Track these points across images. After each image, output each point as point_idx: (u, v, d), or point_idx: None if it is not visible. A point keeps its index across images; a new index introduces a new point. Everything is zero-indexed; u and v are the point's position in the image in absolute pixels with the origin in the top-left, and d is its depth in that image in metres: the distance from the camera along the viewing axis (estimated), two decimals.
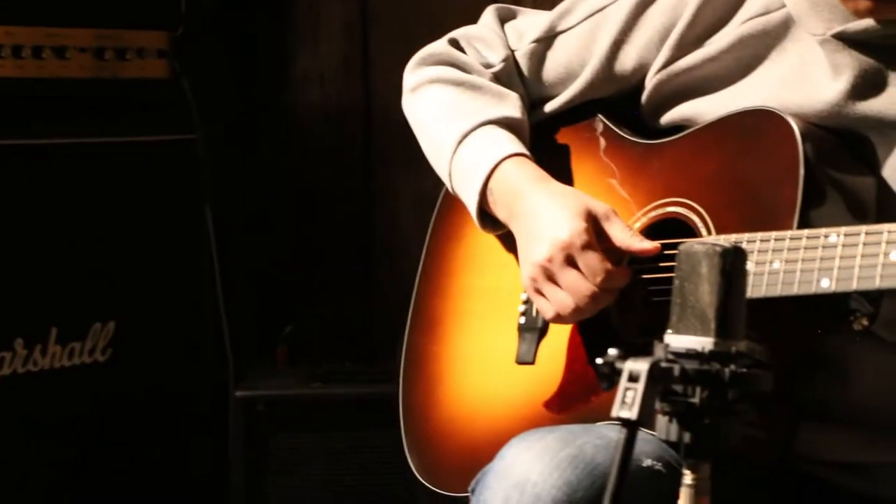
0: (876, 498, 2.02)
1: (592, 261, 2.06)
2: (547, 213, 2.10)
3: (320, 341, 3.86)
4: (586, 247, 2.06)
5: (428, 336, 2.35)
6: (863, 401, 2.00)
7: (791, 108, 2.00)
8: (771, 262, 1.91)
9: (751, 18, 2.09)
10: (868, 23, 1.96)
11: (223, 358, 3.46)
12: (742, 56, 2.10)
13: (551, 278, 2.08)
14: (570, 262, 2.07)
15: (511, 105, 2.25)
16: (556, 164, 2.23)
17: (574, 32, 2.26)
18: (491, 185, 2.18)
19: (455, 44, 2.35)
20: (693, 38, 2.14)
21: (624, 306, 2.14)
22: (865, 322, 1.90)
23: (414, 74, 2.35)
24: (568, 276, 2.07)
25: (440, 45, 2.36)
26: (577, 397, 2.14)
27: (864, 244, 1.84)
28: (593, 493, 1.90)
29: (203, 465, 3.47)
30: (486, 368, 2.26)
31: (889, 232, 1.83)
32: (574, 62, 2.25)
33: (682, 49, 2.15)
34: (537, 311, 2.20)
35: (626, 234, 2.07)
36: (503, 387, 2.23)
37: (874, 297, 1.90)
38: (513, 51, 2.31)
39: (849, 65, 2.00)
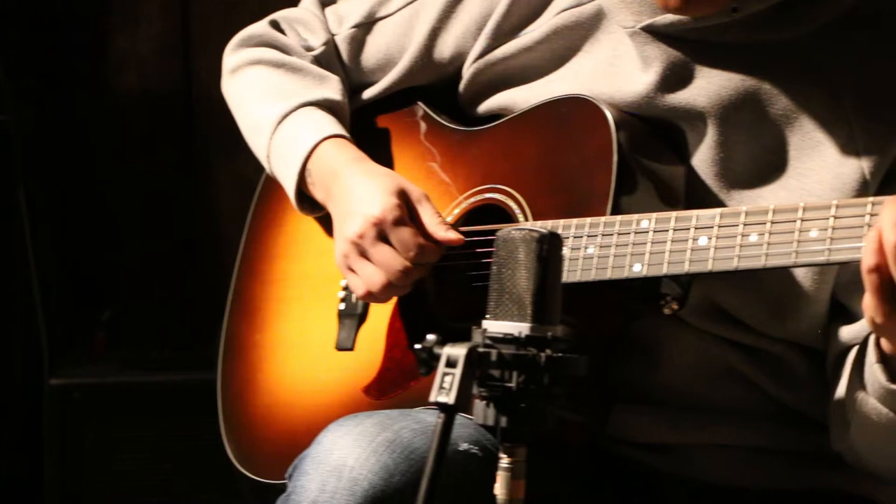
0: (685, 478, 2.07)
1: (405, 235, 2.07)
2: (361, 191, 2.11)
3: (139, 328, 3.81)
4: (398, 222, 2.07)
5: (247, 322, 2.34)
6: (670, 383, 2.04)
7: (604, 99, 2.03)
8: (586, 248, 1.94)
9: (564, 10, 2.12)
10: (676, 16, 2.00)
11: (37, 344, 3.39)
12: (556, 47, 2.13)
13: (363, 254, 2.09)
14: (382, 237, 2.08)
15: (331, 87, 2.25)
16: (376, 149, 2.23)
17: (393, 19, 2.26)
18: (309, 166, 2.17)
19: (276, 26, 2.34)
20: (509, 27, 2.16)
21: (443, 292, 2.15)
22: (675, 306, 1.94)
23: (234, 56, 2.34)
24: (380, 250, 2.08)
25: (261, 27, 2.34)
26: (396, 383, 2.14)
27: (675, 230, 1.88)
28: (410, 477, 1.91)
29: (16, 457, 3.41)
30: (305, 354, 2.26)
31: (698, 218, 1.87)
32: (393, 49, 2.26)
33: (498, 39, 2.17)
34: (356, 297, 2.20)
35: (435, 221, 2.09)
36: (322, 373, 2.23)
37: (683, 282, 1.93)
38: (333, 35, 2.30)
39: (658, 57, 2.04)
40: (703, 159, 2.01)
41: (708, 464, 2.05)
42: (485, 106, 2.19)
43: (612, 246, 1.92)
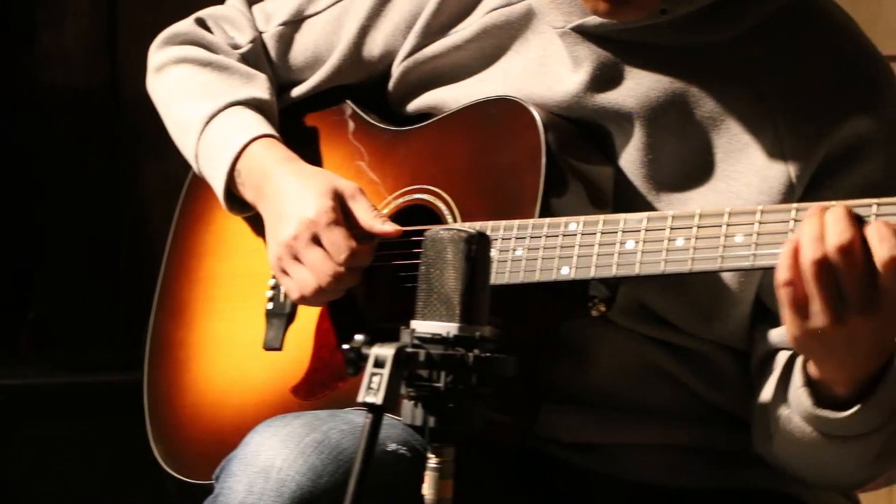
0: (612, 478, 2.07)
1: (337, 238, 2.06)
2: (293, 192, 2.10)
3: (66, 328, 3.78)
4: (331, 224, 2.07)
5: (174, 322, 2.33)
6: (599, 383, 2.05)
7: (533, 99, 2.04)
8: (514, 250, 1.94)
9: (494, 9, 2.12)
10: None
11: None
12: (486, 46, 2.13)
13: (296, 257, 2.08)
14: (315, 240, 2.07)
15: (259, 86, 2.24)
16: (304, 147, 2.22)
17: (322, 17, 2.26)
18: (239, 166, 2.16)
19: (202, 23, 2.33)
20: (438, 26, 2.16)
21: (373, 292, 2.15)
22: (603, 308, 1.95)
23: (159, 54, 2.32)
24: (311, 254, 2.07)
25: (186, 25, 2.33)
26: (325, 383, 2.14)
27: (602, 233, 1.89)
28: (338, 478, 1.90)
29: None
30: (233, 354, 2.25)
31: (625, 221, 1.88)
32: (322, 47, 2.25)
33: (427, 37, 2.17)
34: (285, 297, 2.19)
35: (370, 215, 2.08)
36: (250, 373, 2.22)
37: (611, 284, 1.94)
38: (260, 33, 2.29)
39: (587, 58, 2.04)
40: (631, 161, 2.02)
41: (637, 463, 2.06)
42: (414, 105, 2.19)
43: (540, 248, 1.93)
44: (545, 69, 2.08)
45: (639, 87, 2.02)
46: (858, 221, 1.71)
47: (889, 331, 1.73)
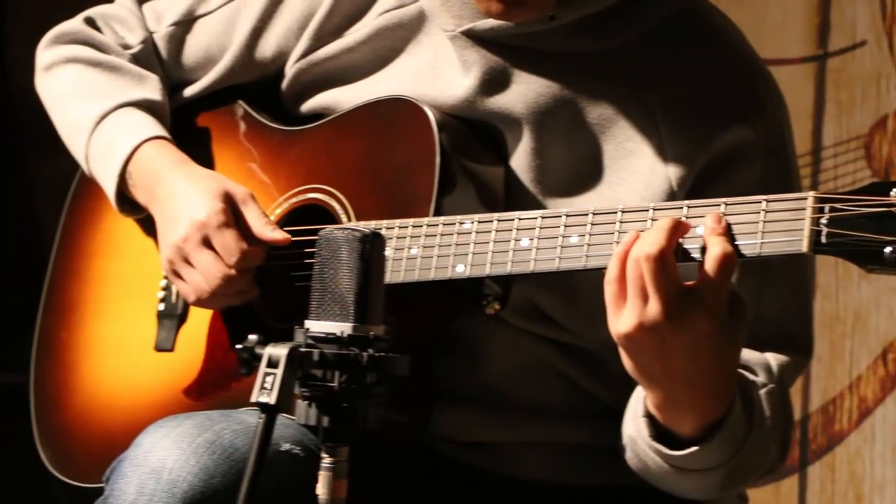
0: (505, 476, 2.08)
1: (228, 240, 2.05)
2: (185, 194, 2.09)
3: None
4: (222, 226, 2.06)
5: (62, 323, 2.30)
6: (493, 382, 2.06)
7: (425, 101, 2.04)
8: (409, 248, 1.95)
9: (387, 11, 2.13)
10: (495, 22, 2.03)
11: None
12: (379, 48, 2.13)
13: (186, 259, 2.07)
14: (206, 242, 2.06)
15: (151, 87, 2.22)
16: (196, 148, 2.21)
17: (214, 17, 2.24)
18: (130, 168, 2.15)
19: (91, 23, 2.30)
20: (332, 28, 2.16)
21: (267, 293, 2.14)
22: (497, 306, 1.96)
23: (47, 53, 2.29)
24: (202, 256, 2.06)
25: (75, 24, 2.30)
26: (218, 384, 2.13)
27: (497, 231, 1.90)
28: (231, 478, 1.89)
29: None
30: (123, 356, 2.23)
31: (519, 219, 1.89)
32: (214, 47, 2.24)
33: (321, 39, 2.16)
34: (177, 297, 2.18)
35: (261, 222, 2.08)
36: (141, 374, 2.19)
37: (506, 283, 1.95)
38: (151, 33, 2.27)
39: (477, 62, 2.05)
40: (521, 165, 2.03)
41: (530, 461, 2.07)
42: (307, 105, 2.18)
43: (435, 247, 1.93)
44: (436, 72, 2.08)
45: (528, 92, 2.03)
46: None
47: (705, 355, 1.76)
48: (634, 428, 1.88)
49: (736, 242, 1.75)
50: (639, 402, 1.87)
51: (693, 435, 1.83)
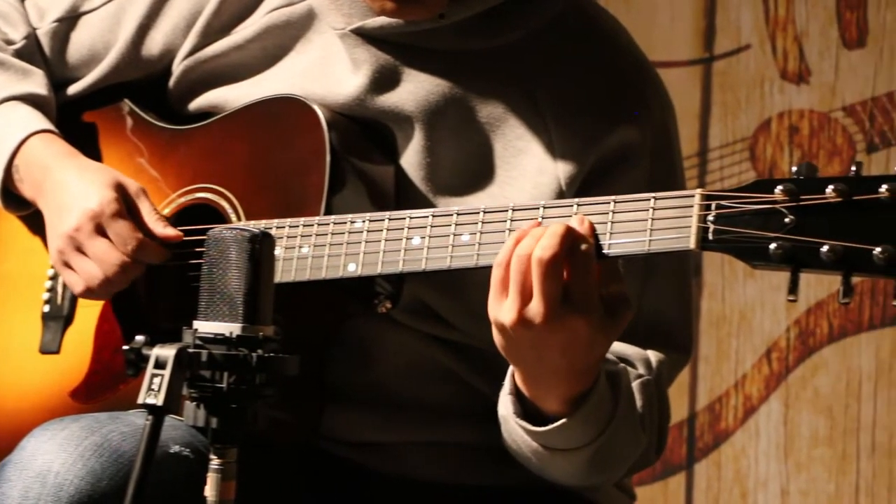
0: (397, 476, 2.08)
1: (123, 229, 2.03)
2: (75, 185, 2.07)
3: None
4: (116, 215, 2.04)
5: None
6: (384, 382, 2.06)
7: (316, 100, 2.04)
8: (300, 248, 1.94)
9: (275, 9, 2.11)
10: (385, 20, 2.02)
11: None
12: (268, 46, 2.12)
13: (79, 249, 2.04)
14: (100, 231, 2.04)
15: (36, 82, 2.19)
16: (82, 146, 2.18)
17: (98, 14, 2.21)
18: (17, 162, 2.12)
19: None
20: (219, 25, 2.14)
21: (156, 293, 2.12)
22: (389, 305, 1.96)
23: None
24: (97, 245, 2.03)
25: None
26: (106, 386, 2.10)
27: (388, 230, 1.90)
28: (118, 481, 1.87)
29: None
30: (7, 359, 2.19)
31: (411, 218, 1.89)
32: (98, 45, 2.21)
33: (208, 36, 2.14)
34: (63, 298, 2.15)
35: (153, 218, 2.06)
36: (27, 377, 2.16)
37: (397, 281, 1.95)
38: (34, 29, 2.24)
39: (367, 60, 2.05)
40: (411, 163, 2.03)
41: (421, 462, 2.07)
42: (195, 104, 2.16)
43: (326, 246, 1.93)
44: (326, 70, 2.08)
45: (418, 90, 2.03)
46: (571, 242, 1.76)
47: (578, 351, 1.78)
48: (504, 406, 1.89)
49: (608, 241, 1.77)
50: (508, 380, 1.89)
51: (557, 411, 1.84)
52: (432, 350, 2.05)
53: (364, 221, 1.91)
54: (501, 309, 1.78)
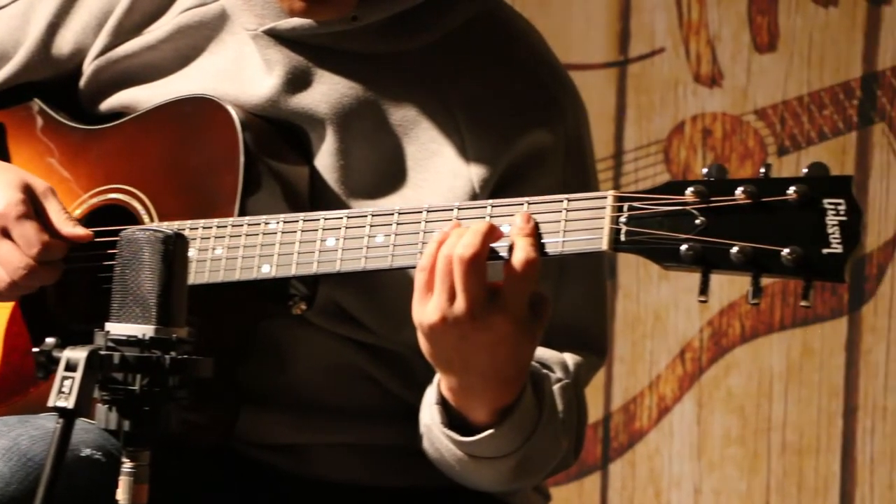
0: (308, 477, 2.07)
1: (28, 231, 2.01)
2: None
3: None
4: (22, 217, 2.01)
5: None
6: (299, 384, 2.05)
7: (229, 101, 2.03)
8: (214, 249, 1.93)
9: (188, 9, 2.10)
10: (297, 21, 2.02)
11: None
12: (180, 46, 2.10)
13: None
14: (5, 233, 2.02)
15: None
16: None
17: (7, 11, 2.19)
18: None
19: None
20: (131, 25, 2.13)
21: (67, 295, 2.10)
22: (304, 307, 1.96)
23: None
24: (1, 248, 2.01)
25: None
26: (15, 389, 2.08)
27: (303, 231, 1.89)
28: (28, 485, 1.85)
29: None
30: None
31: (325, 219, 1.89)
32: (7, 43, 2.19)
33: (120, 36, 2.13)
34: None
35: (61, 217, 2.04)
36: None
37: (311, 283, 1.95)
38: None
39: (279, 61, 2.04)
40: (325, 165, 2.03)
41: (337, 464, 2.06)
42: (107, 104, 2.15)
43: (240, 247, 1.92)
44: (240, 71, 2.07)
45: (331, 92, 2.03)
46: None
47: (504, 353, 1.79)
48: (429, 416, 1.89)
49: (542, 241, 1.78)
50: (433, 389, 1.89)
51: (484, 421, 1.85)
52: (347, 352, 2.04)
53: (278, 223, 1.91)
54: (426, 310, 1.78)
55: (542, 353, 1.96)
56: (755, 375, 3.43)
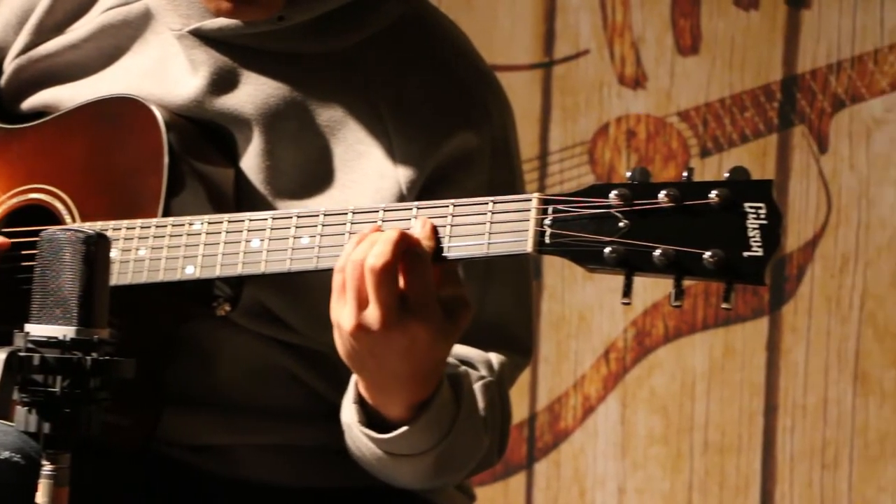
0: (233, 479, 2.06)
1: None
2: None
3: None
4: None
5: None
6: (224, 385, 2.04)
7: (153, 101, 2.01)
8: (137, 250, 1.92)
9: (111, 8, 2.09)
10: (223, 21, 2.01)
11: None
12: (104, 46, 2.09)
13: None
14: None
15: None
16: None
17: None
18: None
19: None
20: (53, 24, 2.11)
21: None
22: (228, 308, 1.95)
23: None
24: None
25: None
26: None
27: (227, 232, 1.89)
28: None
29: None
30: None
31: (250, 220, 1.88)
32: None
33: (41, 34, 2.11)
34: None
35: None
36: None
37: (236, 284, 1.94)
38: None
39: (205, 62, 2.03)
40: (251, 166, 2.02)
41: (263, 464, 2.06)
42: (28, 103, 2.13)
43: (164, 248, 1.91)
44: (164, 71, 2.06)
45: (257, 93, 2.02)
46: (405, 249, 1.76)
47: (418, 356, 1.80)
48: (349, 414, 1.90)
49: (448, 244, 1.78)
50: (351, 388, 1.89)
51: (401, 417, 1.86)
52: (273, 353, 2.04)
53: (202, 224, 1.90)
54: (342, 314, 1.78)
55: (467, 351, 1.97)
56: (678, 375, 3.45)
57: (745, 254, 1.67)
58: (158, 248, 1.91)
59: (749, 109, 3.42)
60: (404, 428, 1.85)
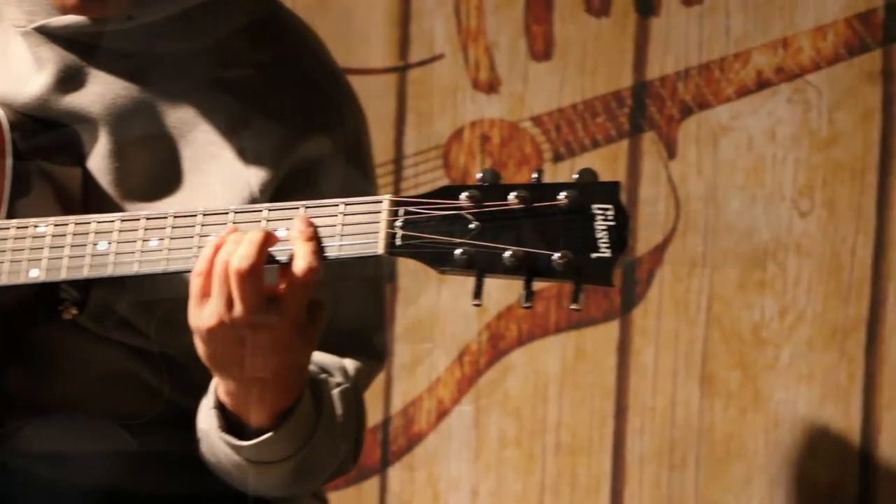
0: (82, 486, 2.04)
1: None
2: None
3: None
4: None
5: None
6: (68, 390, 2.02)
7: None
8: None
9: None
10: (70, 19, 1.99)
11: None
12: None
13: None
14: None
15: None
16: None
17: None
18: None
19: None
20: None
21: None
22: (75, 311, 1.93)
23: None
24: None
25: None
26: None
27: (74, 234, 1.86)
28: None
29: None
30: None
31: (97, 222, 1.86)
32: None
33: None
34: None
35: None
36: None
37: (83, 287, 1.92)
38: None
39: (51, 59, 2.01)
40: (99, 167, 2.00)
41: (111, 472, 2.03)
42: None
43: (7, 251, 1.88)
44: (9, 68, 2.03)
45: (105, 92, 2.00)
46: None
47: (282, 357, 1.80)
48: (207, 421, 1.88)
49: (323, 245, 1.79)
50: (210, 394, 1.88)
51: (262, 425, 1.85)
52: (121, 358, 2.02)
53: (48, 226, 1.88)
54: (202, 315, 1.77)
55: (322, 357, 1.97)
56: (531, 378, 3.48)
57: (594, 255, 1.69)
58: (1, 251, 1.88)
59: (601, 115, 3.46)
60: (268, 435, 1.84)
